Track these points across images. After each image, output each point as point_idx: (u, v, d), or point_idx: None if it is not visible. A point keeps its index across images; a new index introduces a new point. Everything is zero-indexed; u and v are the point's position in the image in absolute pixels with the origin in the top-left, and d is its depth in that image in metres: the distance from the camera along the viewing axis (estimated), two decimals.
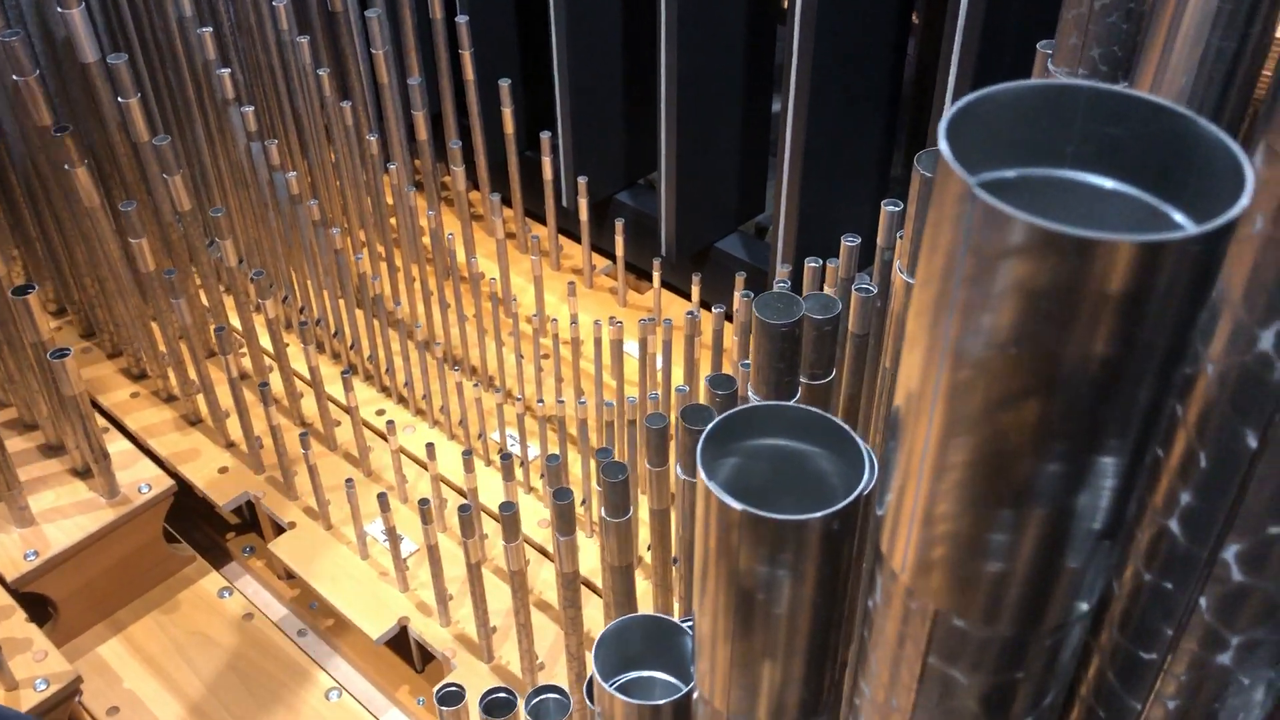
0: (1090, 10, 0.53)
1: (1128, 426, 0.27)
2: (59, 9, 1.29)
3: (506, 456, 1.16)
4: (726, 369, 1.30)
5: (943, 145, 0.25)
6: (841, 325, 0.93)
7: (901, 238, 0.87)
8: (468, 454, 1.21)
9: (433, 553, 1.17)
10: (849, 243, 1.02)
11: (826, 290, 1.14)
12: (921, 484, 0.32)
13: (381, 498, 1.19)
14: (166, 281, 1.32)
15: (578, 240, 1.70)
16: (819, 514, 0.35)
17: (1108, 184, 0.28)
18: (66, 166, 1.31)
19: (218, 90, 1.41)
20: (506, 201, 1.74)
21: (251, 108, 1.39)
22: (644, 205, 1.77)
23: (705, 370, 1.46)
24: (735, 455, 0.43)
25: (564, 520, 0.95)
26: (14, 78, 1.29)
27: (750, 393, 0.70)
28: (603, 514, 0.90)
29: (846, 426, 0.38)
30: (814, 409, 0.39)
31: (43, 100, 1.30)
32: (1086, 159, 0.29)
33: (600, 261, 1.77)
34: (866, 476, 0.37)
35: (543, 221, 1.75)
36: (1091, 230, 0.23)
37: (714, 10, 1.45)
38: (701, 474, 0.37)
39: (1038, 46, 0.79)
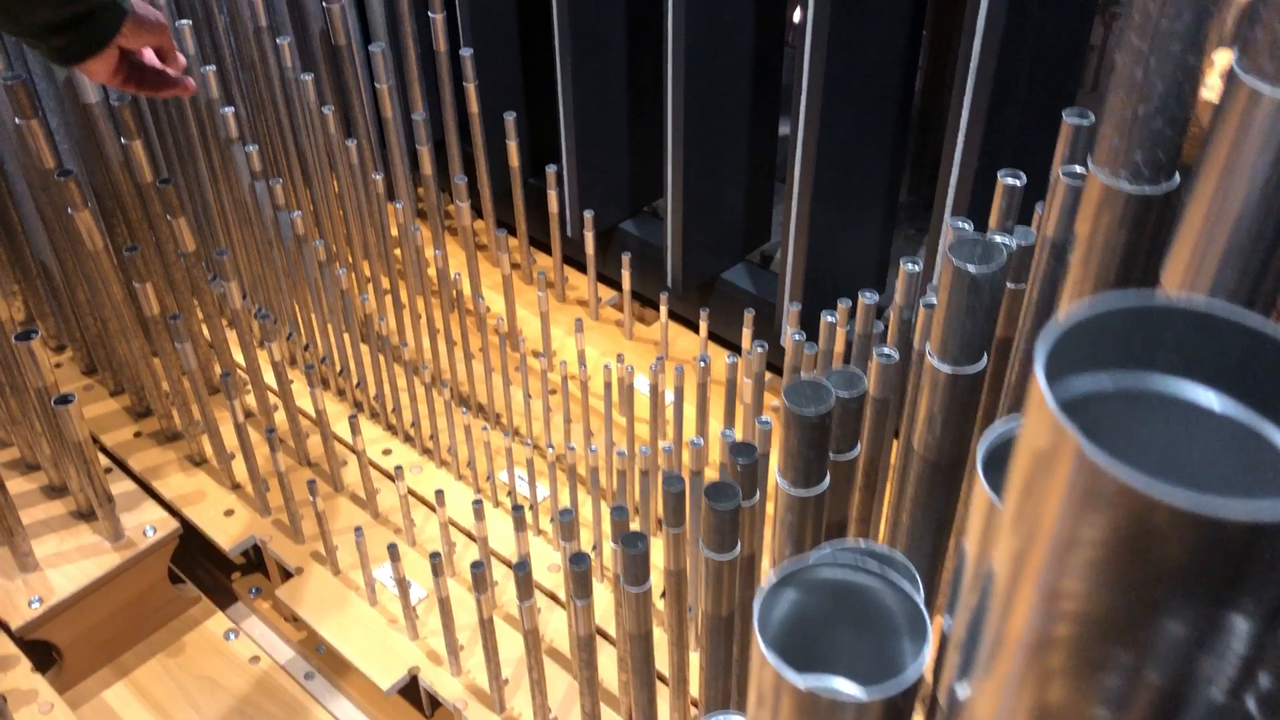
0: (1134, 116, 0.52)
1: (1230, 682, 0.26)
2: None
3: (519, 509, 1.15)
4: (739, 415, 1.29)
5: (1041, 383, 0.24)
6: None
7: (926, 306, 0.86)
8: (478, 503, 1.20)
9: (444, 605, 1.16)
10: (867, 300, 1.01)
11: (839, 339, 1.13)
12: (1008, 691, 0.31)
13: (391, 548, 1.18)
14: (172, 326, 1.30)
15: (583, 268, 1.69)
16: (881, 695, 0.34)
17: (1205, 398, 0.27)
18: (70, 210, 1.29)
19: (221, 129, 1.39)
20: (511, 230, 1.73)
21: (255, 147, 1.37)
22: (649, 235, 1.75)
23: (717, 411, 1.45)
24: (793, 588, 0.42)
25: (581, 585, 0.94)
26: (16, 121, 1.27)
27: (779, 478, 0.69)
28: (619, 579, 0.89)
29: (915, 596, 0.37)
30: (877, 572, 0.38)
31: (45, 143, 1.29)
32: (1181, 366, 0.27)
33: (605, 292, 1.75)
34: (923, 652, 0.36)
35: (548, 250, 1.74)
36: (1207, 502, 0.22)
37: (721, 33, 1.43)
38: (763, 648, 0.36)
39: (1066, 117, 0.78)
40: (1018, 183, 0.90)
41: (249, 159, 1.38)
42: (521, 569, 1.00)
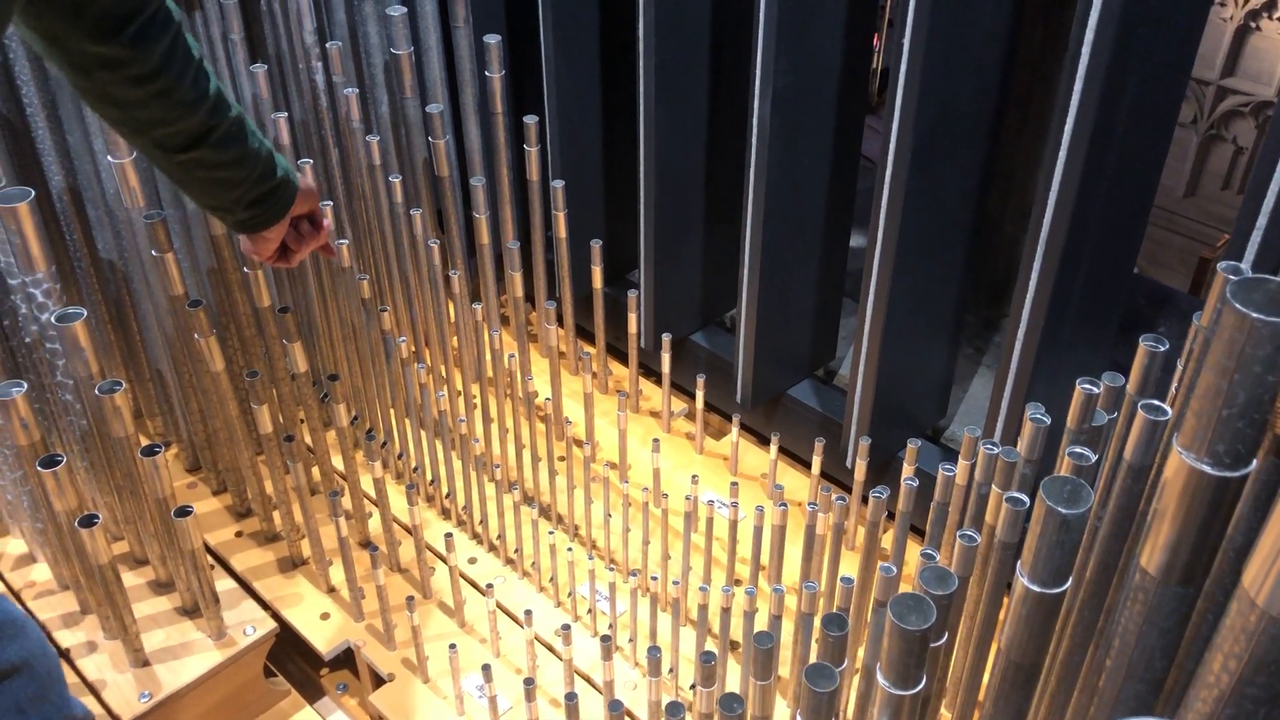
0: (1219, 417, 0.60)
1: None
2: None
3: (606, 639, 1.23)
4: (848, 559, 1.36)
5: None
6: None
7: (1184, 401, 0.93)
8: (566, 627, 1.28)
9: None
10: (1087, 388, 0.97)
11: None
12: None
13: (486, 669, 1.26)
14: (287, 446, 1.40)
15: (656, 376, 1.77)
16: None
17: None
18: (197, 336, 1.40)
19: (334, 257, 1.50)
20: (590, 337, 1.82)
21: (366, 277, 1.48)
22: (719, 348, 1.84)
23: (794, 538, 1.52)
24: None
25: None
26: (153, 253, 1.38)
27: (880, 677, 0.77)
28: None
29: None
30: None
31: (176, 272, 1.40)
32: None
33: (677, 402, 1.84)
34: None
35: (623, 352, 1.83)
36: None
37: (800, 153, 1.51)
38: None
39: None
40: (1160, 348, 0.92)
41: (360, 287, 1.48)
42: (616, 709, 1.08)
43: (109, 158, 1.34)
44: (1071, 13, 1.16)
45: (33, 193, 1.20)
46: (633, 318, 1.73)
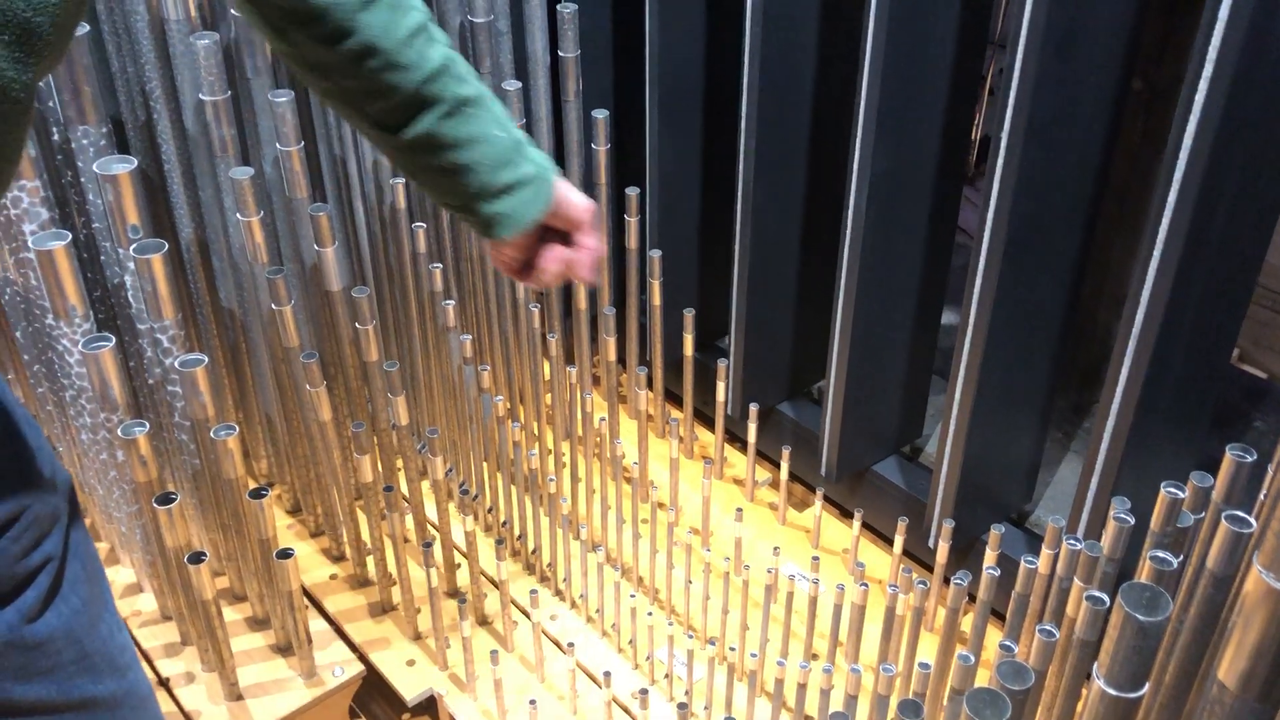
0: None
1: None
2: (315, 247, 1.46)
3: (683, 706, 1.25)
4: (926, 640, 1.37)
5: None
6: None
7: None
8: (644, 691, 1.31)
9: None
10: (1171, 492, 0.98)
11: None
12: None
13: None
14: (386, 496, 1.46)
15: (742, 442, 1.80)
16: None
17: None
18: (307, 386, 1.47)
19: (439, 317, 1.57)
20: (678, 400, 1.86)
21: (469, 337, 1.54)
22: (805, 419, 1.86)
23: (874, 616, 1.53)
24: None
25: None
26: (272, 306, 1.46)
27: None
28: None
29: None
30: None
31: (293, 326, 1.47)
32: None
33: (761, 472, 1.86)
34: None
35: (709, 417, 1.86)
36: None
37: (895, 227, 1.53)
38: None
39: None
40: (1246, 458, 0.91)
41: (462, 346, 1.54)
42: None
43: (238, 215, 1.42)
44: (1172, 107, 1.18)
45: (166, 245, 1.28)
46: (721, 385, 1.77)
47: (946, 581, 1.40)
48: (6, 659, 0.85)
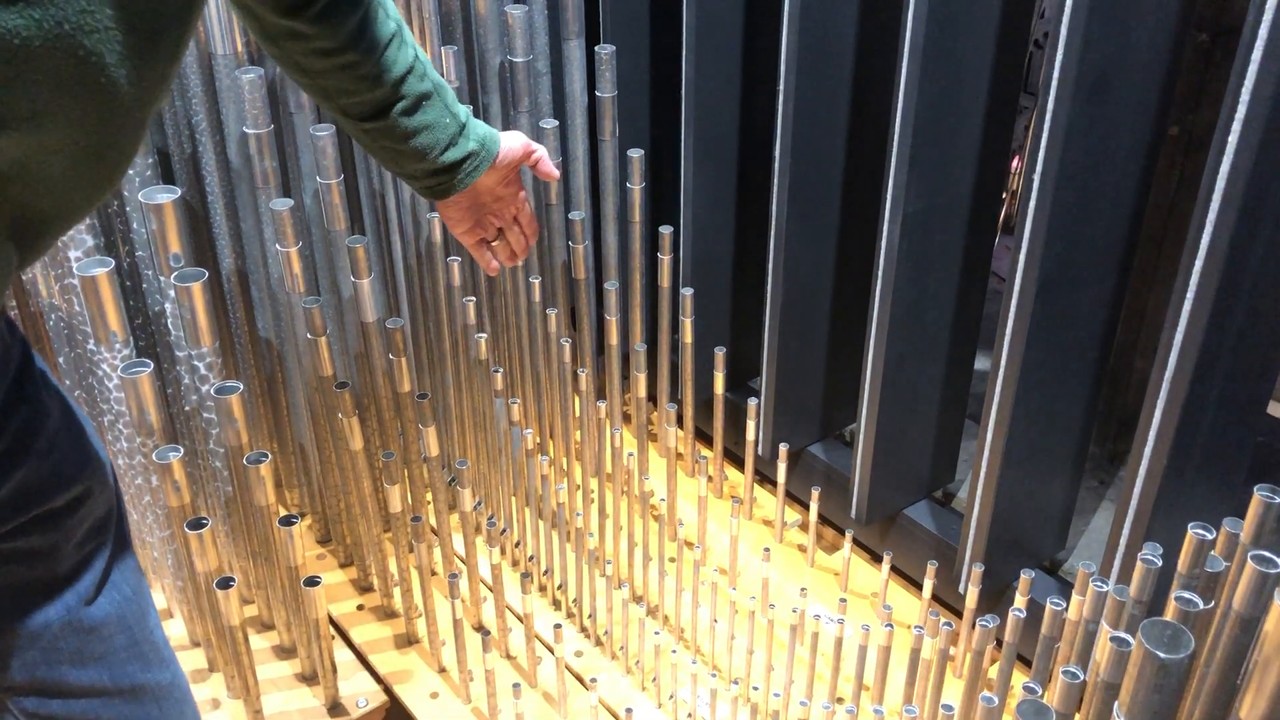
0: None
1: None
2: (352, 279, 1.49)
3: None
4: (952, 684, 1.36)
5: None
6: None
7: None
8: None
9: None
10: (1199, 534, 0.95)
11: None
12: None
13: None
14: (414, 527, 1.47)
15: (772, 483, 1.79)
16: None
17: None
18: (340, 415, 1.49)
19: (472, 349, 1.58)
20: (708, 439, 1.86)
21: (500, 370, 1.55)
22: (835, 461, 1.86)
23: (899, 659, 1.52)
24: None
25: None
26: (307, 335, 1.48)
27: None
28: None
29: None
30: None
31: (327, 355, 1.49)
32: None
33: (790, 513, 1.86)
34: None
35: (739, 457, 1.85)
36: None
37: (928, 271, 1.53)
38: None
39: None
40: (1276, 499, 0.91)
41: (493, 379, 1.56)
42: None
43: (277, 246, 1.45)
44: (1205, 159, 1.18)
45: (206, 274, 1.31)
46: (751, 425, 1.76)
47: (974, 625, 1.38)
48: (64, 641, 0.87)
